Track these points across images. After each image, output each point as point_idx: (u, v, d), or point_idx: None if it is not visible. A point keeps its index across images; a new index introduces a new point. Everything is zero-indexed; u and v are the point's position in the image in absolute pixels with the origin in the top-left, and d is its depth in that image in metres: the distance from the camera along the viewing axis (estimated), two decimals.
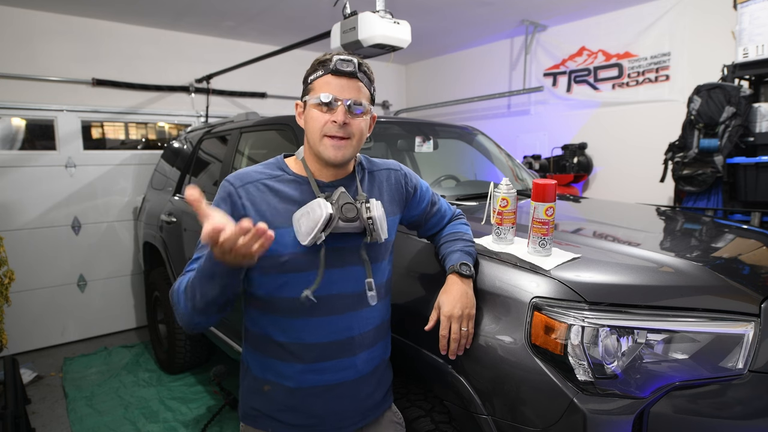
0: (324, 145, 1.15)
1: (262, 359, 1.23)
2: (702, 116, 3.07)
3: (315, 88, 1.16)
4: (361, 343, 1.24)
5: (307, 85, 1.18)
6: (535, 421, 1.16)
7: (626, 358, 1.15)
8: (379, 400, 1.32)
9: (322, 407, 1.22)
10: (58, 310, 4.20)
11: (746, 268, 1.50)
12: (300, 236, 1.11)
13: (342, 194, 1.15)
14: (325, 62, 1.16)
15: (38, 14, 3.96)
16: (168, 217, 3.23)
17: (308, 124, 1.18)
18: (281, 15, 4.21)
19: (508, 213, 1.48)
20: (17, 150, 4.01)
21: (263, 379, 1.23)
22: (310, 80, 1.17)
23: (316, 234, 1.09)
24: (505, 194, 1.48)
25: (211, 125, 3.43)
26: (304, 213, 1.11)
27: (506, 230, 1.49)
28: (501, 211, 1.48)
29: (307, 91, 1.18)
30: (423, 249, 1.58)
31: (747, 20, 3.03)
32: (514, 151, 4.95)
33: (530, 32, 4.82)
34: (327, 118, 1.14)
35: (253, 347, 1.26)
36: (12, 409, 2.51)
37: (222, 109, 4.93)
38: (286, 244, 1.13)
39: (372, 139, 2.50)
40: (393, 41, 2.39)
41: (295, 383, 1.20)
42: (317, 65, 1.17)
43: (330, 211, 1.09)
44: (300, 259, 1.14)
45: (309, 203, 1.12)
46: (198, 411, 3.02)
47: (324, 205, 1.09)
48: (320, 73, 1.16)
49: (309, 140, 1.19)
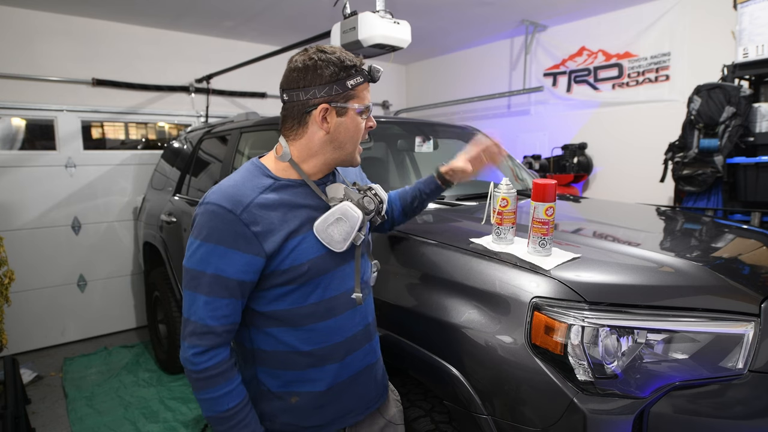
0: (359, 150, 1.18)
1: (286, 375, 1.16)
2: (702, 116, 3.06)
3: (358, 95, 1.12)
4: (374, 325, 1.31)
5: (348, 90, 1.10)
6: (535, 421, 1.16)
7: (626, 358, 1.15)
8: (385, 378, 1.38)
9: (351, 397, 1.23)
10: (58, 310, 4.20)
11: (746, 268, 1.50)
12: (335, 244, 1.10)
13: (348, 191, 1.16)
14: (358, 68, 1.12)
15: (38, 14, 3.96)
16: (168, 217, 3.23)
17: (350, 132, 1.13)
18: (281, 15, 4.21)
19: (508, 213, 1.49)
20: (17, 150, 4.01)
21: (288, 392, 1.17)
22: (351, 86, 1.10)
23: (356, 236, 1.12)
24: (505, 194, 1.48)
25: (211, 125, 3.43)
26: (333, 221, 1.09)
27: (506, 230, 1.50)
28: (501, 210, 1.48)
29: (349, 96, 1.10)
30: (423, 249, 1.58)
31: (747, 20, 3.03)
32: (514, 151, 4.95)
33: (530, 32, 4.82)
34: (363, 124, 1.15)
35: (273, 366, 1.16)
36: (12, 409, 2.51)
37: (222, 109, 4.93)
38: (305, 251, 1.09)
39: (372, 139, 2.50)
40: (393, 41, 2.39)
41: (326, 384, 1.18)
42: (353, 70, 1.10)
43: (362, 213, 1.12)
44: (320, 262, 1.12)
45: (333, 210, 1.10)
46: (198, 411, 3.02)
47: (354, 208, 1.11)
48: (361, 80, 1.11)
49: (342, 145, 1.14)
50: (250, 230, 1.03)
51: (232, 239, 1.02)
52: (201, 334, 1.04)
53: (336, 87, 1.08)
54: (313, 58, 1.09)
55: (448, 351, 1.33)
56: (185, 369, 1.07)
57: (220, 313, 1.04)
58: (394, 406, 1.39)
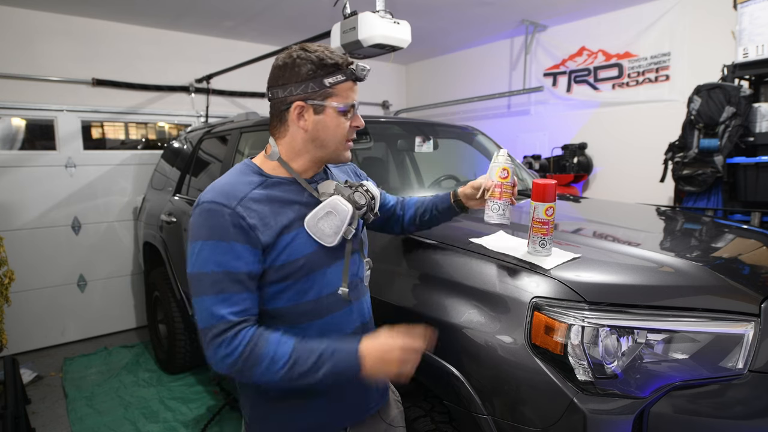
0: (346, 148, 1.17)
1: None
2: (702, 116, 3.06)
3: (338, 93, 1.10)
4: (371, 324, 1.30)
5: (325, 88, 1.09)
6: (535, 421, 1.16)
7: (626, 358, 1.15)
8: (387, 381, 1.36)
9: (348, 397, 1.22)
10: (58, 310, 4.20)
11: (746, 268, 1.50)
12: (326, 238, 1.10)
13: (339, 186, 1.17)
14: (341, 66, 1.10)
15: (38, 14, 3.96)
16: (168, 217, 3.23)
17: (330, 130, 1.12)
18: (281, 15, 4.21)
19: (506, 186, 1.36)
20: (17, 150, 4.01)
21: (286, 395, 1.16)
22: (329, 84, 1.09)
23: (346, 229, 1.11)
24: (505, 164, 1.36)
25: (211, 125, 3.43)
26: (323, 215, 1.10)
27: (504, 206, 1.36)
28: (501, 183, 1.35)
29: (326, 95, 1.10)
30: (423, 250, 1.58)
31: (747, 20, 3.03)
32: (514, 151, 4.95)
33: (530, 32, 4.82)
34: (348, 123, 1.14)
35: None
36: (12, 409, 2.51)
37: (222, 109, 4.93)
38: (298, 247, 1.10)
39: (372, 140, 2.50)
40: (393, 41, 2.39)
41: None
42: (334, 68, 1.10)
43: (351, 206, 1.12)
44: (315, 258, 1.12)
45: (324, 204, 1.11)
46: (198, 411, 3.02)
47: (344, 202, 1.12)
48: (342, 78, 1.10)
49: (324, 144, 1.14)
50: (246, 222, 1.04)
51: (232, 232, 1.03)
52: (222, 332, 1.00)
53: (312, 84, 1.09)
54: (293, 56, 1.10)
55: (448, 351, 1.33)
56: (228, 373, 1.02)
57: (237, 308, 1.02)
58: (395, 407, 1.38)
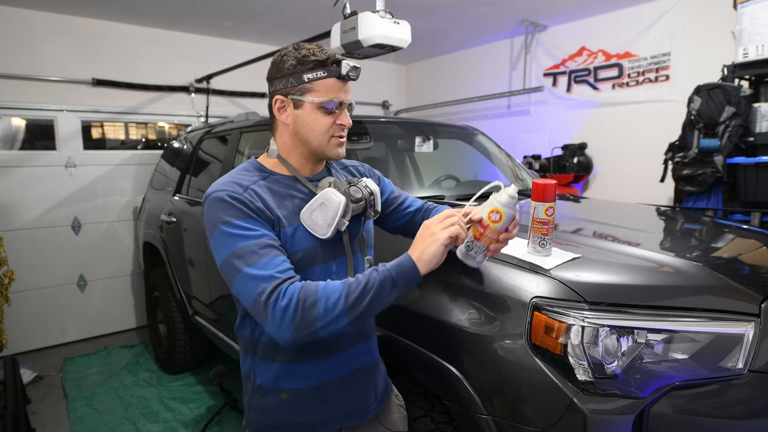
0: (331, 145, 1.17)
1: (278, 367, 1.17)
2: (702, 116, 3.06)
3: (317, 89, 1.12)
4: (370, 324, 1.29)
5: (303, 83, 1.11)
6: (535, 421, 1.16)
7: (626, 358, 1.15)
8: (387, 383, 1.36)
9: (344, 397, 1.22)
10: (58, 310, 4.20)
11: (746, 268, 1.50)
12: (319, 229, 1.11)
13: (336, 181, 1.17)
14: (324, 63, 1.11)
15: (38, 14, 3.96)
16: (168, 217, 3.23)
17: (308, 125, 1.14)
18: (281, 15, 4.21)
19: (491, 231, 1.12)
20: (17, 150, 4.01)
21: (278, 389, 1.18)
22: (308, 79, 1.11)
23: (339, 221, 1.11)
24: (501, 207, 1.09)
25: (211, 125, 3.43)
26: (316, 207, 1.11)
27: (479, 248, 1.17)
28: (487, 224, 1.11)
29: (305, 90, 1.12)
30: None
31: (747, 20, 3.03)
32: (514, 151, 4.95)
33: (530, 32, 4.82)
34: (331, 120, 1.14)
35: (269, 358, 1.17)
36: (12, 409, 2.51)
37: (222, 109, 4.93)
38: (298, 240, 1.12)
39: (372, 140, 2.50)
40: (393, 41, 2.39)
41: (314, 381, 1.18)
42: (315, 65, 1.11)
43: (344, 198, 1.12)
44: (313, 252, 1.14)
45: (317, 197, 1.12)
46: (198, 411, 3.02)
47: (336, 193, 1.11)
48: (322, 74, 1.11)
49: (306, 139, 1.16)
50: (255, 204, 1.08)
51: (246, 211, 1.06)
52: (275, 288, 0.98)
53: (292, 80, 1.12)
54: (282, 54, 1.16)
55: (448, 351, 1.33)
56: (292, 332, 0.97)
57: (279, 268, 1.02)
58: (397, 411, 1.36)
